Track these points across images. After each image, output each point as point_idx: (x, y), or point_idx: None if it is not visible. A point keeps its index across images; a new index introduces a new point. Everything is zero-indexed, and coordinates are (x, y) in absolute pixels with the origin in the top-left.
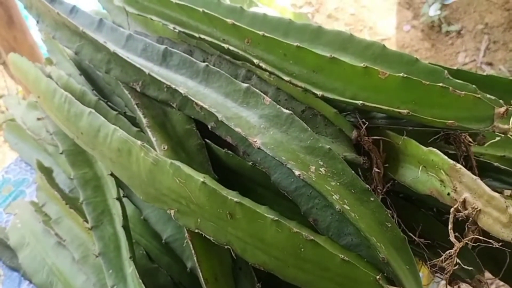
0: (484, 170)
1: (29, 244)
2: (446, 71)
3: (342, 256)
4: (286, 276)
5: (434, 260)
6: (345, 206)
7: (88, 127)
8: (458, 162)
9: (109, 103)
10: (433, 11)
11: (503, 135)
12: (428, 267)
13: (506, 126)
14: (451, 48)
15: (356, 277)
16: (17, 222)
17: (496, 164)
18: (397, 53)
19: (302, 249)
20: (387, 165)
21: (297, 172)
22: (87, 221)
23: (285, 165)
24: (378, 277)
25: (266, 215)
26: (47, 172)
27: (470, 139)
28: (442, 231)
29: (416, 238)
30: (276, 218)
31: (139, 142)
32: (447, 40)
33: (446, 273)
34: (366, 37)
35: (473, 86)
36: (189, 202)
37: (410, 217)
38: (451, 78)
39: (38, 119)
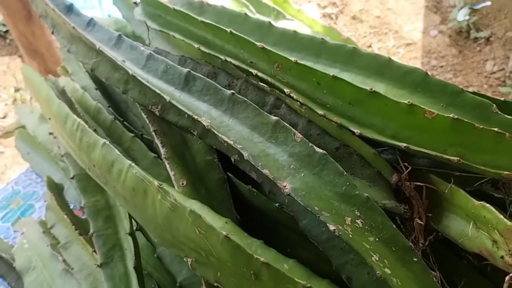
0: None
1: (35, 269)
2: (494, 106)
3: None
4: None
5: None
6: (386, 269)
7: (101, 160)
8: (507, 210)
9: (125, 122)
10: (462, 16)
11: None
12: None
13: None
14: (479, 56)
15: None
16: (24, 242)
17: None
18: (441, 82)
19: None
20: (429, 214)
21: (331, 227)
22: (96, 252)
23: (318, 216)
24: None
25: (296, 279)
26: (57, 190)
27: None
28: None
29: None
30: (309, 285)
31: (156, 182)
32: (475, 47)
33: None
34: (391, 41)
35: None
36: (209, 254)
37: (451, 269)
38: (499, 112)
39: (50, 133)
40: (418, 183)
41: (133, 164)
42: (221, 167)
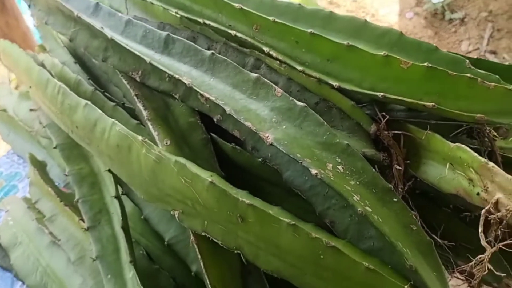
0: (509, 166)
1: (21, 244)
2: (467, 61)
3: (367, 264)
4: (303, 284)
5: (463, 266)
6: (367, 208)
7: (83, 121)
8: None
9: (106, 93)
10: None
11: None
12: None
13: None
14: (454, 36)
15: (381, 287)
16: (9, 220)
17: None
18: (415, 41)
19: (322, 257)
20: (408, 161)
21: (313, 171)
22: (83, 220)
23: (301, 162)
24: (406, 287)
25: (281, 218)
26: (40, 166)
27: (495, 133)
28: (465, 231)
29: (439, 240)
30: (293, 222)
31: (140, 137)
32: (450, 28)
33: (475, 279)
34: None
35: (496, 76)
36: (196, 203)
37: (430, 217)
38: (472, 68)
39: (31, 110)
40: (396, 132)
41: (116, 121)
42: (204, 128)
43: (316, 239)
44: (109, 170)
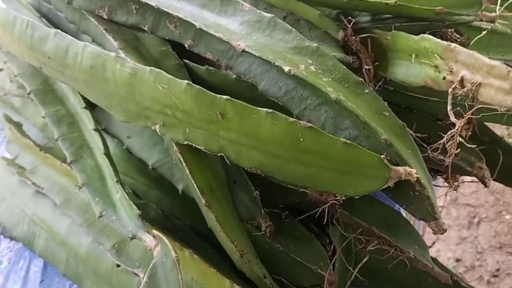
0: None
1: (4, 199)
2: None
3: (344, 139)
4: (285, 174)
5: (436, 144)
6: (341, 97)
7: (55, 49)
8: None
9: None
10: None
11: (489, 28)
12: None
13: (493, 14)
14: None
15: (359, 161)
16: None
17: None
18: None
19: (301, 139)
20: (376, 63)
21: (286, 68)
22: (65, 162)
23: (273, 63)
24: (382, 156)
25: (259, 108)
26: (16, 124)
27: (457, 35)
28: (436, 127)
29: (412, 133)
30: (271, 110)
31: (112, 54)
32: None
33: (449, 156)
34: None
35: None
36: (175, 110)
37: (403, 119)
38: None
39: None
40: (363, 35)
41: (87, 43)
42: (176, 55)
43: (294, 122)
44: (85, 108)
